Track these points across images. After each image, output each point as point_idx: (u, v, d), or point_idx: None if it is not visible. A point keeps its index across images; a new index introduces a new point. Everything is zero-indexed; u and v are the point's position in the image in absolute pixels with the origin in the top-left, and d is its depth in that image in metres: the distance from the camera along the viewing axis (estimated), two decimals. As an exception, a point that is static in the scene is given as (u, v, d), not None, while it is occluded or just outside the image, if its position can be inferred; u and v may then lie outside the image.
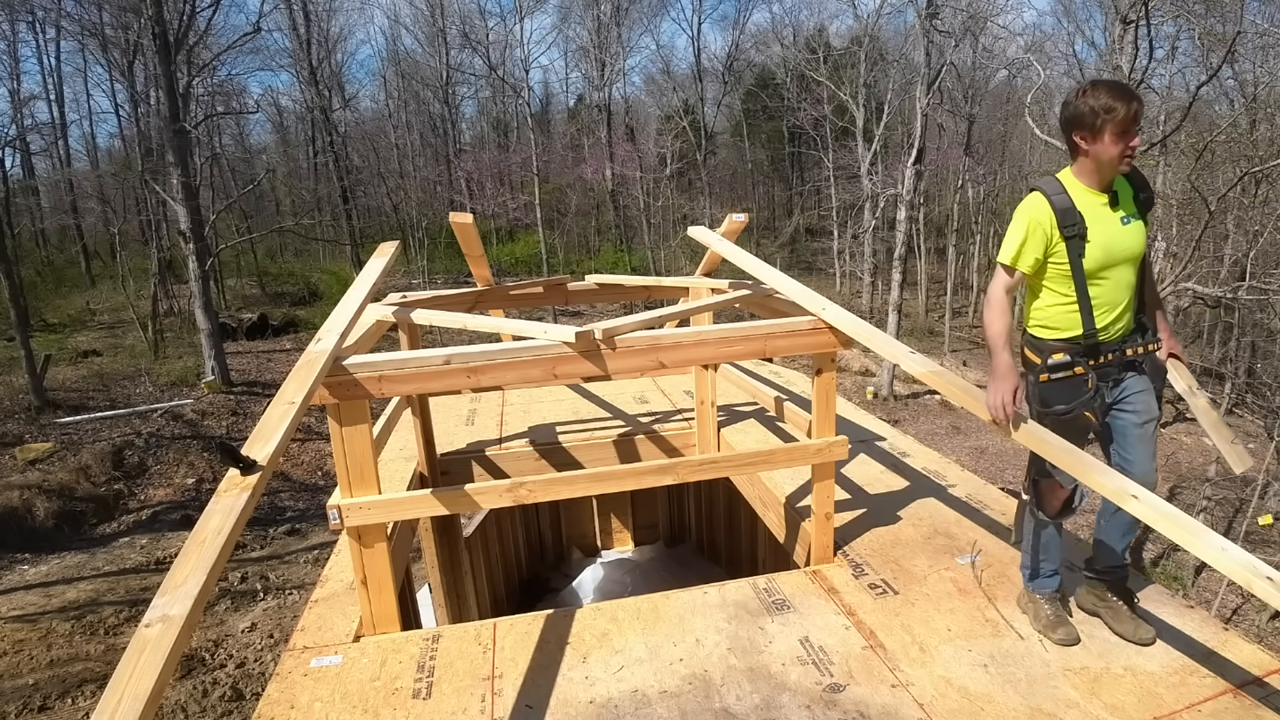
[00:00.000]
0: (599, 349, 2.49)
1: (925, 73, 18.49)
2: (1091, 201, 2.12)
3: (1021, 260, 2.16)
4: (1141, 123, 2.00)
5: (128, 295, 19.29)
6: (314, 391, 2.07)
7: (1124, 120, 1.98)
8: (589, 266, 24.50)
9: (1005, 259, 2.19)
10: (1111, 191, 2.14)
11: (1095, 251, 2.09)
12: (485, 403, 5.30)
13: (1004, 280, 2.21)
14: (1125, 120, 1.98)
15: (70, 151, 28.57)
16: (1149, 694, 2.05)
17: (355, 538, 2.45)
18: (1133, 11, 11.11)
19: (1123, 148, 2.01)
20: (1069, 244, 2.10)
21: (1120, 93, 1.99)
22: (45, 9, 21.50)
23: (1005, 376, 2.16)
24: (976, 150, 26.11)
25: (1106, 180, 2.12)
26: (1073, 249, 2.10)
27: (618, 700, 2.14)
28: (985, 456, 14.13)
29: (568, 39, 33.07)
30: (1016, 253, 2.16)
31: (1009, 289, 2.23)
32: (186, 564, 1.39)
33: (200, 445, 12.61)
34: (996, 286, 2.23)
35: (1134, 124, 1.99)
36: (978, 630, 2.39)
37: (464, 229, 3.92)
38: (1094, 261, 2.10)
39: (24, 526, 9.70)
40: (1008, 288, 2.22)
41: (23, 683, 5.82)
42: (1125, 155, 2.02)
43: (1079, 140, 2.09)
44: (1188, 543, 1.75)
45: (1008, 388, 2.14)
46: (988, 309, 2.24)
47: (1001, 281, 2.22)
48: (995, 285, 2.23)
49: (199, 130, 18.92)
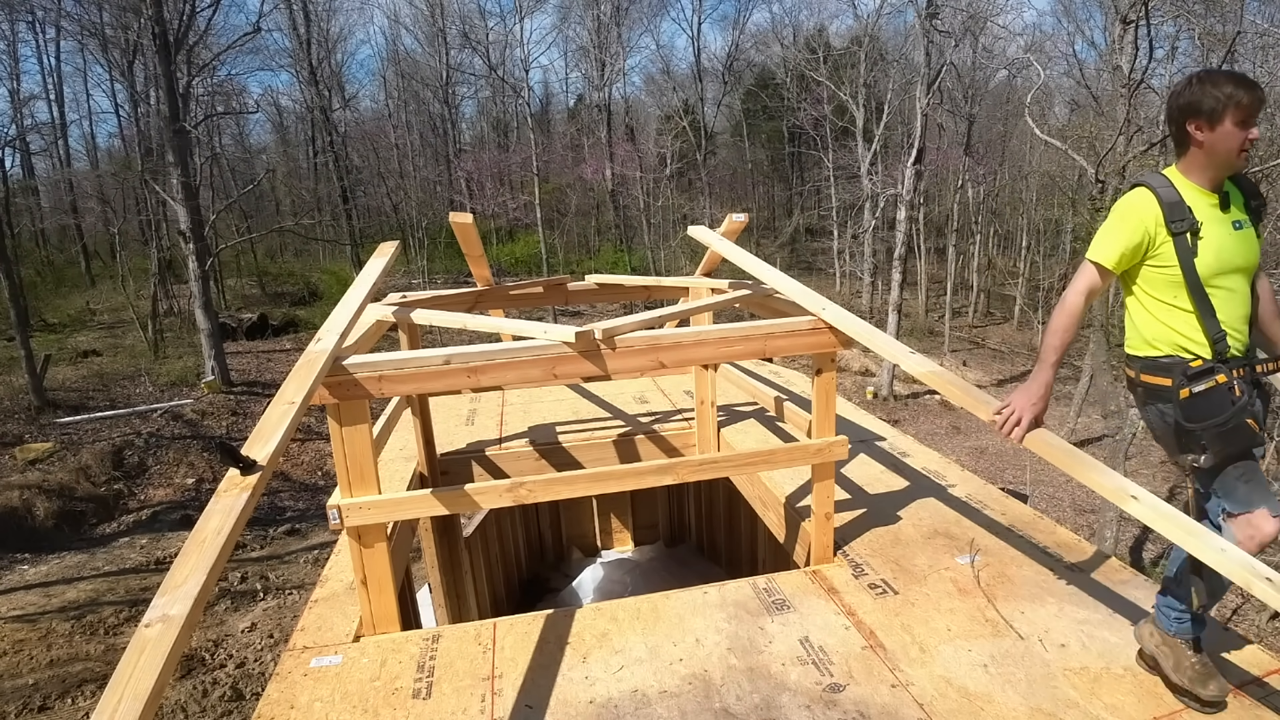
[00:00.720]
0: (599, 349, 2.49)
1: (925, 73, 18.50)
2: (1201, 201, 1.92)
3: (1120, 260, 1.93)
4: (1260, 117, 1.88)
5: (128, 295, 19.29)
6: (314, 391, 2.07)
7: (1247, 107, 1.82)
8: (589, 266, 24.50)
9: (1099, 257, 1.94)
10: (1223, 193, 1.95)
11: (1206, 255, 1.88)
12: (485, 403, 5.30)
13: (1090, 282, 1.97)
14: (1248, 107, 1.82)
15: (70, 151, 28.64)
16: (1149, 694, 2.05)
17: (355, 538, 2.45)
18: (1133, 11, 11.12)
19: (1243, 138, 1.85)
20: (1176, 241, 1.89)
21: (1243, 80, 1.86)
22: (45, 9, 21.53)
23: (1039, 397, 2.02)
24: (976, 150, 26.12)
25: (1219, 178, 1.94)
26: (1180, 247, 1.89)
27: (618, 700, 2.14)
28: (985, 456, 14.14)
29: (567, 39, 33.16)
30: (1115, 251, 1.92)
31: (1093, 294, 1.98)
32: (186, 564, 1.39)
33: (200, 445, 12.61)
34: (1078, 289, 1.97)
35: (1256, 113, 1.85)
36: (978, 630, 2.39)
37: (464, 229, 3.92)
38: (1205, 266, 1.88)
39: (24, 526, 9.71)
40: (1092, 291, 1.98)
41: (23, 683, 5.82)
42: (1244, 148, 1.86)
43: (1194, 130, 1.89)
44: (1187, 543, 1.75)
45: (1033, 409, 2.02)
46: (1059, 313, 1.98)
47: (1087, 282, 1.97)
48: (1077, 288, 1.97)
49: (199, 130, 18.93)
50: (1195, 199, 1.92)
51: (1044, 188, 22.92)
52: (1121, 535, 10.92)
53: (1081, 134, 13.15)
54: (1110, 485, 1.92)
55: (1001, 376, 19.23)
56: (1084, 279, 1.98)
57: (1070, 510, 12.40)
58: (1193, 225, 1.88)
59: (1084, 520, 11.89)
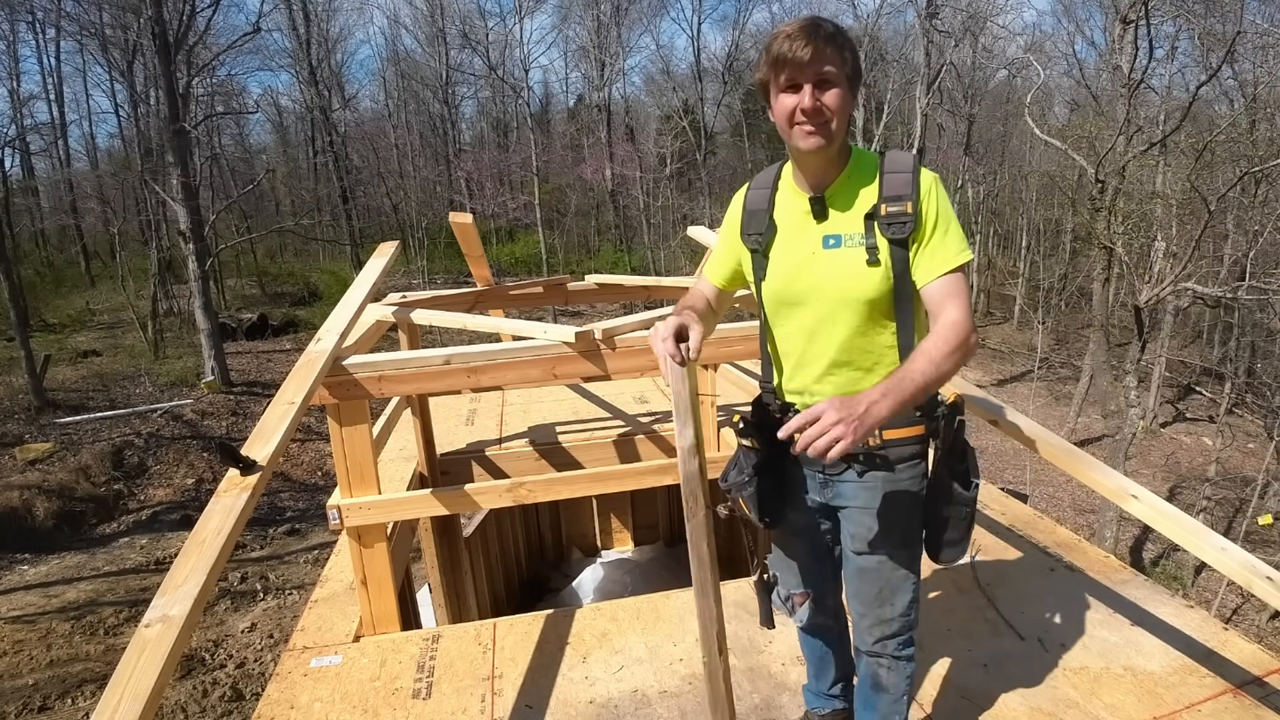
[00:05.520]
0: (599, 349, 2.49)
1: (925, 73, 18.51)
2: (794, 205, 1.56)
3: (724, 278, 1.77)
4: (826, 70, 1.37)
5: (128, 295, 19.28)
6: (314, 391, 2.07)
7: (788, 62, 1.37)
8: (589, 266, 24.49)
9: (703, 269, 1.84)
10: (819, 198, 1.50)
11: (773, 278, 1.63)
12: (485, 403, 5.30)
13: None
14: (790, 63, 1.37)
15: (70, 151, 28.59)
16: (1149, 694, 2.05)
17: (355, 538, 2.45)
18: (1133, 11, 11.12)
19: (790, 108, 1.40)
20: (754, 259, 1.67)
21: (797, 26, 1.38)
22: (45, 9, 21.50)
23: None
24: (976, 150, 26.12)
25: (811, 171, 1.51)
26: (756, 265, 1.66)
27: (618, 700, 2.14)
28: (985, 456, 14.14)
29: (567, 39, 33.11)
30: (713, 265, 1.78)
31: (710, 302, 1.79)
32: (186, 564, 1.39)
33: (200, 445, 12.61)
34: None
35: (806, 69, 1.36)
36: (978, 630, 2.39)
37: (464, 229, 3.92)
38: (769, 293, 1.64)
39: (24, 526, 9.70)
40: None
41: (23, 683, 5.82)
42: (794, 120, 1.40)
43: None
44: (1188, 543, 1.75)
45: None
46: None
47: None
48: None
49: (199, 130, 18.93)
50: (789, 202, 1.56)
51: (1044, 188, 22.90)
52: (1121, 535, 10.92)
53: (1081, 134, 13.15)
54: (1110, 485, 1.92)
55: (1002, 376, 19.22)
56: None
57: (1070, 510, 12.40)
58: (762, 243, 1.57)
59: (1084, 520, 11.89)
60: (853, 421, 1.22)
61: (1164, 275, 11.01)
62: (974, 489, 1.56)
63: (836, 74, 1.39)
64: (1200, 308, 16.60)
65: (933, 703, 2.06)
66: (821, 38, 1.37)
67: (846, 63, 1.41)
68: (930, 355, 1.36)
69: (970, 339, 1.40)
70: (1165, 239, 12.10)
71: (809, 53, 1.36)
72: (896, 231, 1.44)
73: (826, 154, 1.45)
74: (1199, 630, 2.32)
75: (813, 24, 1.40)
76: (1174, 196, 11.40)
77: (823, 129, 1.41)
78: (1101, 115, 14.89)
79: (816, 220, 1.51)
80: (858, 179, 1.49)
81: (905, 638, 1.64)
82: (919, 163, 1.52)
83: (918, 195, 1.46)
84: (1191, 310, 17.55)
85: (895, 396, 1.29)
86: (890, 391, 1.29)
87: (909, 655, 1.67)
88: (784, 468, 1.66)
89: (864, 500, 1.57)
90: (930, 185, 1.47)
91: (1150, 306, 11.37)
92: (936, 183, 1.49)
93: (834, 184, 1.50)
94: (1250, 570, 1.63)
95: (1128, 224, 11.43)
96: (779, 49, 1.38)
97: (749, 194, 1.66)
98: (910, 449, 1.54)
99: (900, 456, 1.54)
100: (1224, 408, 13.41)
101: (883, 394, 1.28)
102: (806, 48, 1.35)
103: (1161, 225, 12.15)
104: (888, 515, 1.55)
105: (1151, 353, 15.08)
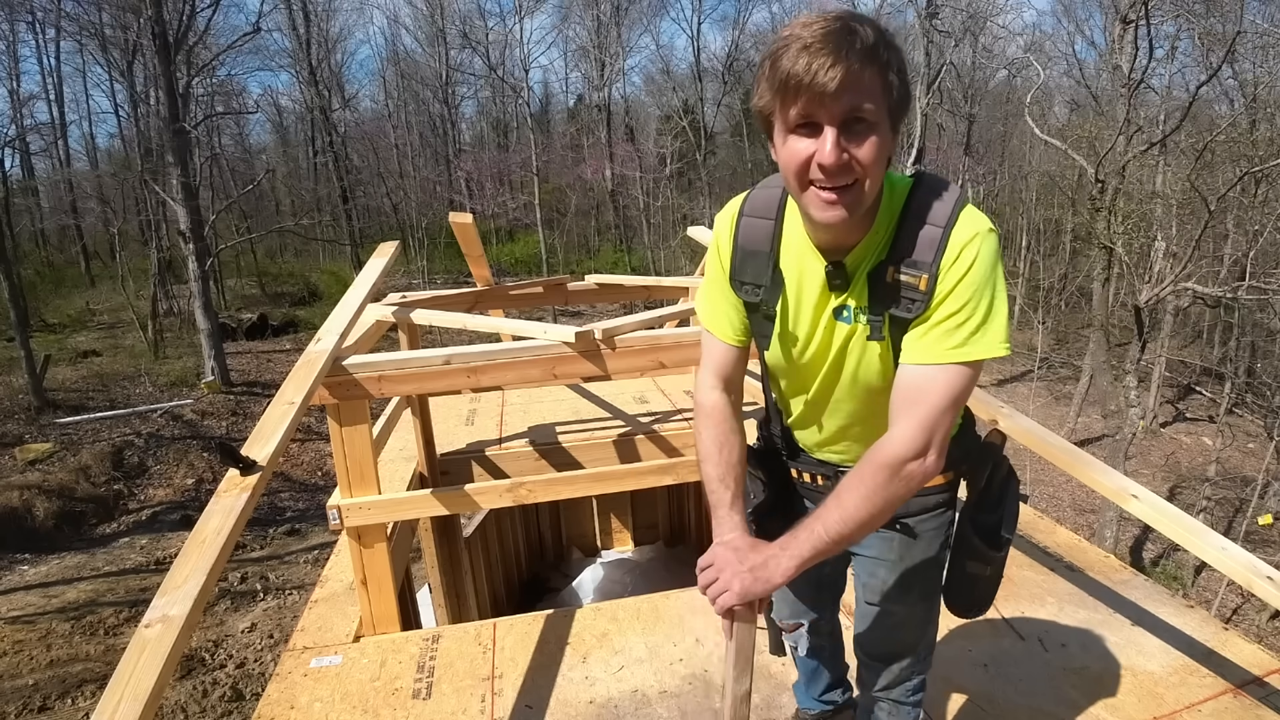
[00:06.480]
0: (599, 349, 2.48)
1: (925, 72, 18.51)
2: (811, 263, 1.18)
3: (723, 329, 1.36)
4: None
5: (127, 295, 19.28)
6: (314, 391, 2.07)
7: (807, 89, 0.94)
8: (589, 266, 24.50)
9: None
10: (840, 264, 1.13)
11: (776, 342, 1.36)
12: (485, 403, 5.29)
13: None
14: (809, 90, 0.94)
15: (70, 151, 28.60)
16: (1149, 694, 2.05)
17: (355, 538, 2.45)
18: (1133, 11, 11.12)
19: (804, 157, 1.01)
20: (747, 308, 1.35)
21: (812, 39, 0.94)
22: (45, 9, 21.51)
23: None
24: (976, 150, 26.12)
25: (821, 235, 1.13)
26: (755, 320, 1.35)
27: (618, 700, 2.14)
28: (986, 456, 14.09)
29: (567, 39, 33.12)
30: (700, 309, 1.39)
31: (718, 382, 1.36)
32: (186, 564, 1.39)
33: (200, 445, 12.61)
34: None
35: (824, 103, 0.95)
36: (978, 630, 2.39)
37: (464, 229, 3.91)
38: (772, 357, 1.40)
39: (24, 527, 9.70)
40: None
41: (23, 683, 5.82)
42: (809, 178, 1.02)
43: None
44: (1188, 542, 1.75)
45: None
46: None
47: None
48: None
49: (199, 130, 18.92)
50: (800, 252, 1.17)
51: (1044, 188, 22.92)
52: (1121, 535, 10.93)
53: (1081, 134, 13.15)
54: (1110, 485, 1.92)
55: (1002, 376, 19.22)
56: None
57: (1070, 510, 12.40)
58: (763, 298, 1.21)
59: (1084, 520, 11.89)
60: (745, 577, 1.07)
61: (1164, 275, 11.02)
62: (1004, 547, 1.32)
63: (876, 110, 0.95)
64: (1200, 308, 16.59)
65: (933, 703, 2.06)
66: (858, 54, 0.91)
67: (892, 90, 0.96)
68: (843, 503, 1.06)
69: (910, 468, 1.05)
70: (1165, 239, 12.10)
71: (837, 78, 0.91)
72: (903, 309, 1.06)
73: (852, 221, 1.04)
74: (1199, 630, 2.32)
75: (845, 31, 0.92)
76: (1174, 196, 11.40)
77: (849, 196, 0.99)
78: (1101, 115, 14.90)
79: (835, 294, 1.14)
80: (884, 229, 1.10)
81: (915, 684, 1.47)
82: (960, 209, 1.05)
83: (938, 266, 1.03)
84: (1191, 310, 17.55)
85: (795, 556, 1.07)
86: (791, 547, 1.08)
87: (916, 701, 1.49)
88: (791, 502, 1.45)
89: (878, 550, 1.35)
90: (964, 250, 1.02)
91: (1150, 306, 11.37)
92: (982, 243, 1.03)
93: (861, 245, 1.10)
94: (1250, 570, 1.63)
95: (1128, 224, 11.43)
96: (790, 67, 0.93)
97: (741, 223, 1.22)
98: (933, 499, 1.30)
99: (923, 507, 1.29)
100: (1224, 408, 13.42)
101: (783, 548, 1.09)
102: (833, 69, 0.91)
103: (1161, 225, 12.14)
104: (904, 568, 1.34)
105: (1151, 353, 15.08)
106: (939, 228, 1.04)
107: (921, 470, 1.06)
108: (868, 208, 1.05)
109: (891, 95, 0.96)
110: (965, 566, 1.34)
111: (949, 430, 1.08)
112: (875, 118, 0.96)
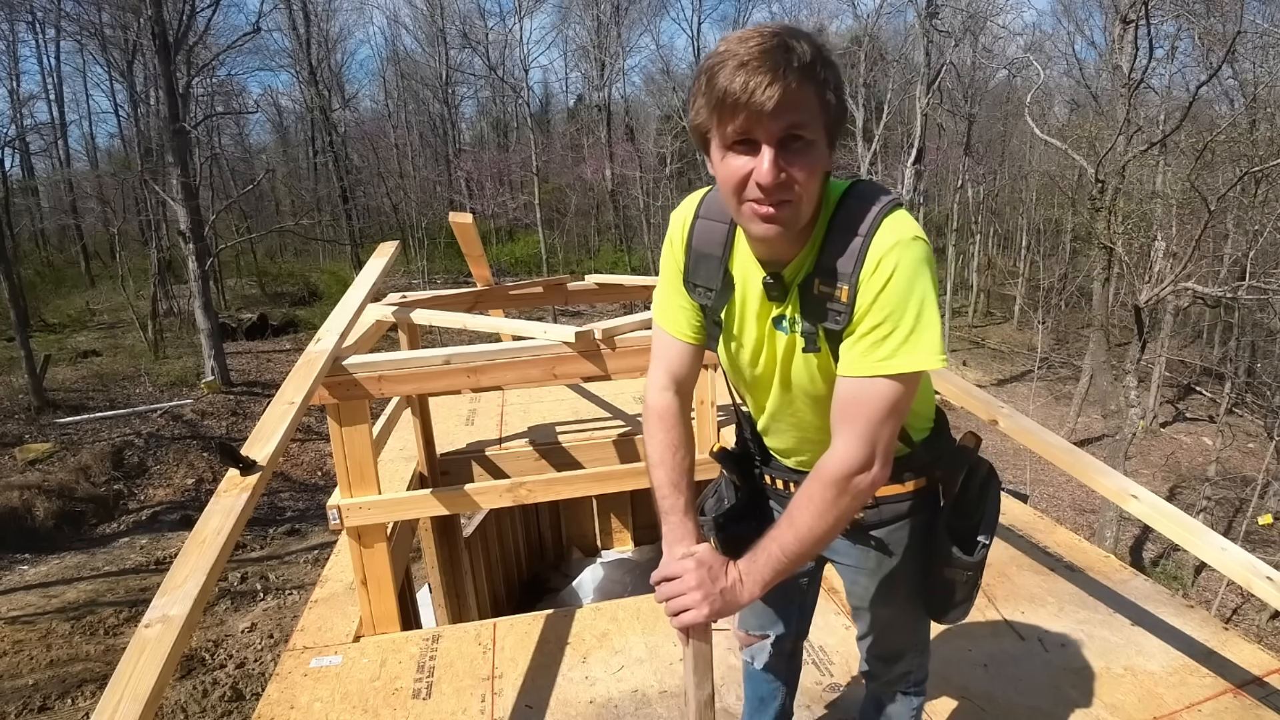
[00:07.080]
0: (599, 349, 2.49)
1: (925, 72, 18.52)
2: (753, 271, 1.20)
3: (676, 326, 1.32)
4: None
5: (127, 295, 19.28)
6: (314, 391, 2.07)
7: (744, 107, 0.93)
8: (589, 266, 24.49)
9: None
10: (778, 276, 1.13)
11: (727, 347, 1.36)
12: (485, 403, 5.30)
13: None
14: (746, 107, 0.93)
15: (70, 151, 28.61)
16: (1149, 694, 2.05)
17: (355, 538, 2.45)
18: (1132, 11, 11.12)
19: (742, 173, 0.99)
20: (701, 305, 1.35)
21: (750, 51, 0.93)
22: (45, 9, 21.50)
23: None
24: (976, 150, 26.11)
25: (761, 248, 1.13)
26: (706, 317, 1.34)
27: (618, 700, 2.14)
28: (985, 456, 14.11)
29: (567, 39, 33.11)
30: (655, 305, 1.35)
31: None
32: (186, 564, 1.39)
33: (200, 445, 12.61)
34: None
35: (761, 122, 0.94)
36: (978, 630, 2.39)
37: (463, 229, 3.92)
38: (728, 365, 1.40)
39: (24, 526, 9.70)
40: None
41: (22, 683, 5.82)
42: (743, 195, 1.01)
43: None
44: (1188, 543, 1.75)
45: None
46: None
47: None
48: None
49: (199, 130, 18.91)
50: (748, 262, 1.16)
51: (1044, 187, 22.92)
52: (1121, 535, 10.93)
53: (1081, 134, 13.15)
54: (1110, 485, 1.92)
55: (1001, 376, 19.23)
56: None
57: (1070, 510, 12.40)
58: (714, 301, 1.20)
59: (1084, 520, 11.89)
60: (717, 600, 1.07)
61: (1164, 275, 11.02)
62: (978, 552, 1.29)
63: (813, 128, 0.96)
64: (1200, 308, 16.60)
65: (933, 703, 2.06)
66: (796, 73, 0.91)
67: (829, 107, 0.96)
68: (795, 522, 1.08)
69: (857, 481, 1.05)
70: (1165, 239, 12.11)
71: (774, 96, 0.90)
72: (831, 321, 1.07)
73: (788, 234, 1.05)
74: (1199, 630, 2.32)
75: (782, 48, 0.91)
76: (1174, 196, 11.41)
77: (785, 212, 0.99)
78: (1101, 115, 14.90)
79: (774, 304, 1.15)
80: (816, 240, 1.09)
81: (914, 678, 1.50)
82: (883, 216, 1.03)
83: (857, 277, 1.02)
84: (1191, 310, 17.56)
85: (758, 581, 1.09)
86: (750, 573, 1.09)
87: (918, 690, 1.52)
88: (764, 509, 1.44)
89: (855, 559, 1.36)
90: (884, 260, 1.01)
91: (1150, 306, 11.37)
92: (903, 252, 1.00)
93: (799, 257, 1.10)
94: (1250, 570, 1.63)
95: (1128, 224, 11.43)
96: (727, 85, 0.91)
97: (696, 225, 1.20)
98: (905, 505, 1.30)
99: (896, 515, 1.30)
100: (1224, 408, 13.42)
101: (745, 573, 1.09)
102: (770, 88, 0.90)
103: (1161, 225, 12.15)
104: (883, 575, 1.35)
105: (1151, 353, 15.09)
106: (861, 237, 1.03)
107: (869, 482, 1.07)
108: (806, 221, 1.05)
109: (829, 112, 0.97)
110: (941, 572, 1.32)
111: (893, 438, 1.08)
112: (813, 135, 0.96)
